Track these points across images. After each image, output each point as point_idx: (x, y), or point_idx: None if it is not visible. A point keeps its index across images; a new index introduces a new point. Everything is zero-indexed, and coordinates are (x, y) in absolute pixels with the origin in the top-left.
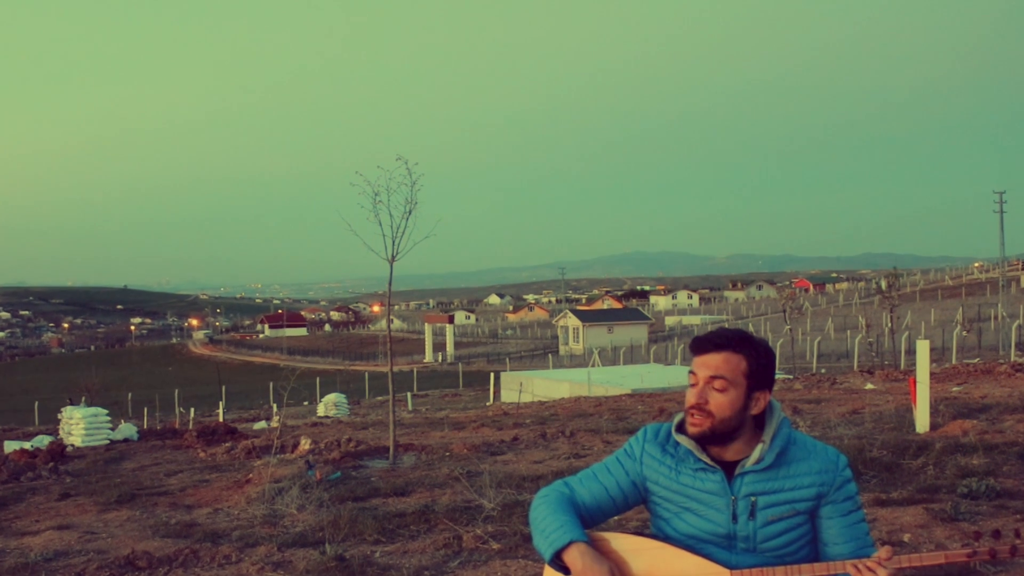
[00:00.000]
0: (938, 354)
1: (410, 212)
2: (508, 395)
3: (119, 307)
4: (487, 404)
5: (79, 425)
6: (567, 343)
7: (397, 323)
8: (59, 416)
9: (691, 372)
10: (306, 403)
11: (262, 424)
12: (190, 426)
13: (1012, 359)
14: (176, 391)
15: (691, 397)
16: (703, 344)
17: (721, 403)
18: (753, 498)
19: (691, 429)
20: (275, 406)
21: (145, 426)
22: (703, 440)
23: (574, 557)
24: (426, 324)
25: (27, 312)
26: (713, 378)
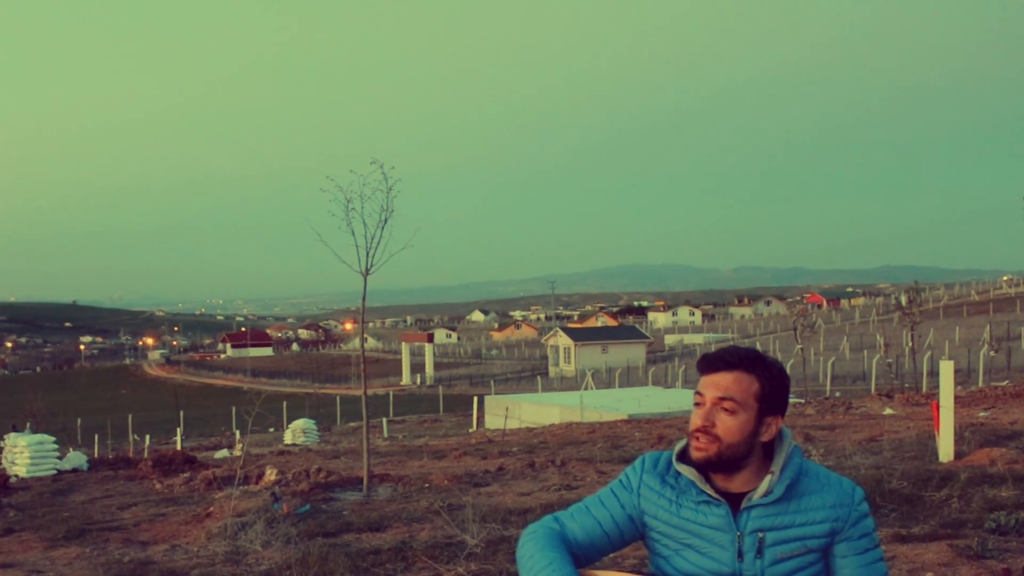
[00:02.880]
0: (963, 376)
1: (386, 220)
2: (493, 421)
3: (67, 324)
4: (470, 431)
5: (23, 454)
6: (557, 364)
7: (371, 342)
8: (1, 444)
9: (697, 392)
10: (272, 430)
11: (224, 453)
12: (145, 455)
13: None
14: (130, 416)
15: (696, 419)
16: (713, 362)
17: (729, 427)
18: (761, 534)
19: (695, 454)
20: (238, 433)
21: (96, 455)
22: (707, 467)
23: None
24: (403, 343)
25: None
26: (722, 399)
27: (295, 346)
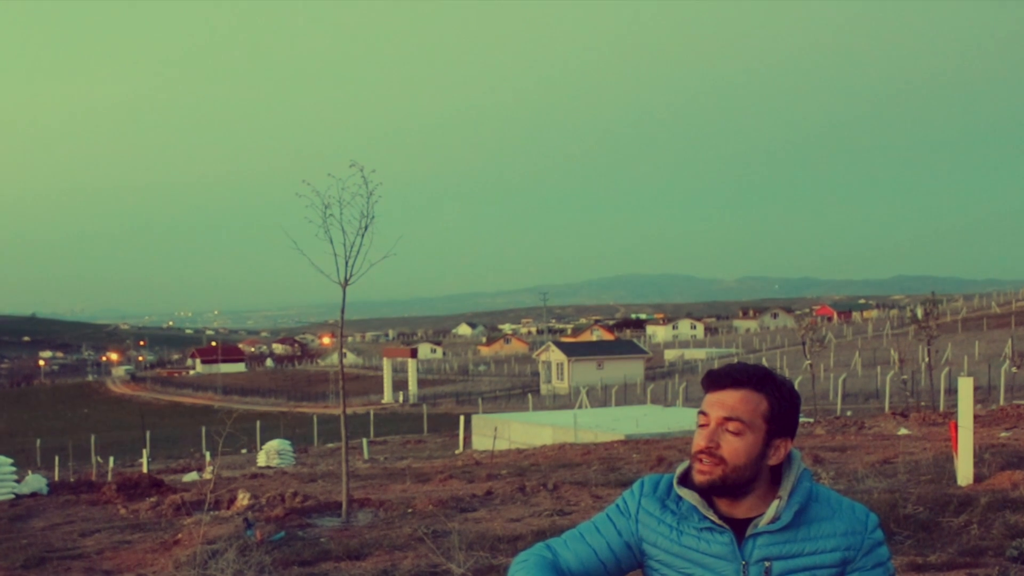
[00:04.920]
0: (983, 394)
1: (366, 227)
2: (480, 441)
3: (26, 339)
4: (456, 452)
5: None
6: (550, 381)
7: (351, 357)
8: None
9: (701, 412)
10: (244, 451)
11: (193, 475)
12: (109, 478)
13: None
14: (92, 437)
15: (700, 440)
16: (719, 379)
17: (736, 448)
18: (767, 563)
19: (698, 477)
20: (208, 454)
21: (56, 478)
22: (712, 490)
23: None
24: (385, 359)
25: None
26: (728, 419)
27: (269, 362)
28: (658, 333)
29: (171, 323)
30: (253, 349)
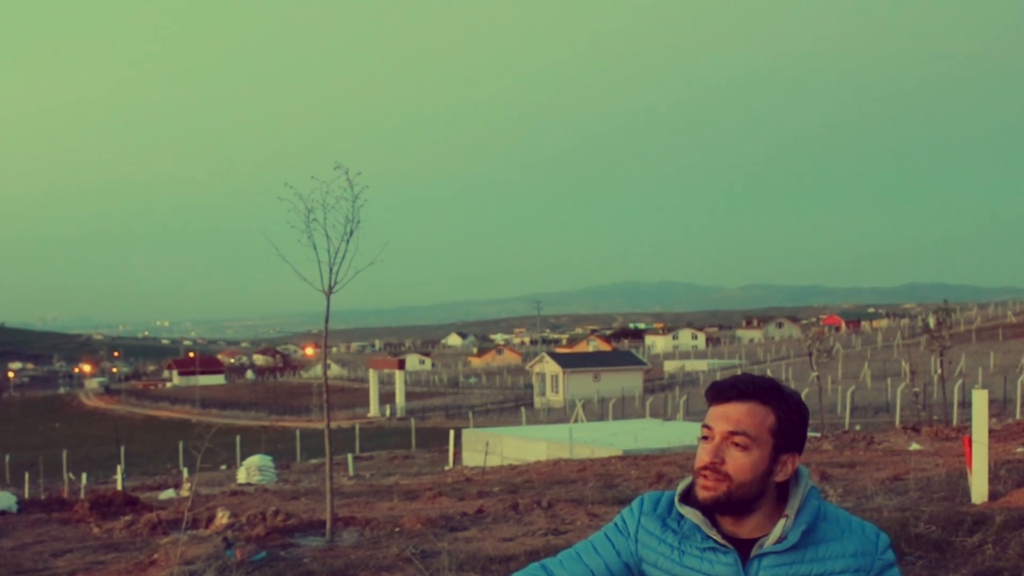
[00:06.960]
0: (999, 407)
1: (351, 232)
2: (471, 457)
3: None
4: (446, 468)
5: None
6: (544, 393)
7: (335, 369)
8: None
9: (705, 425)
10: (224, 467)
11: (170, 493)
12: (81, 495)
13: None
14: (64, 452)
15: (704, 455)
16: (724, 391)
17: (741, 464)
18: None
19: (702, 493)
20: (186, 471)
21: (27, 495)
22: (716, 507)
23: None
24: (371, 370)
25: None
26: (733, 433)
27: (250, 373)
28: (657, 343)
29: (147, 333)
30: (233, 360)
